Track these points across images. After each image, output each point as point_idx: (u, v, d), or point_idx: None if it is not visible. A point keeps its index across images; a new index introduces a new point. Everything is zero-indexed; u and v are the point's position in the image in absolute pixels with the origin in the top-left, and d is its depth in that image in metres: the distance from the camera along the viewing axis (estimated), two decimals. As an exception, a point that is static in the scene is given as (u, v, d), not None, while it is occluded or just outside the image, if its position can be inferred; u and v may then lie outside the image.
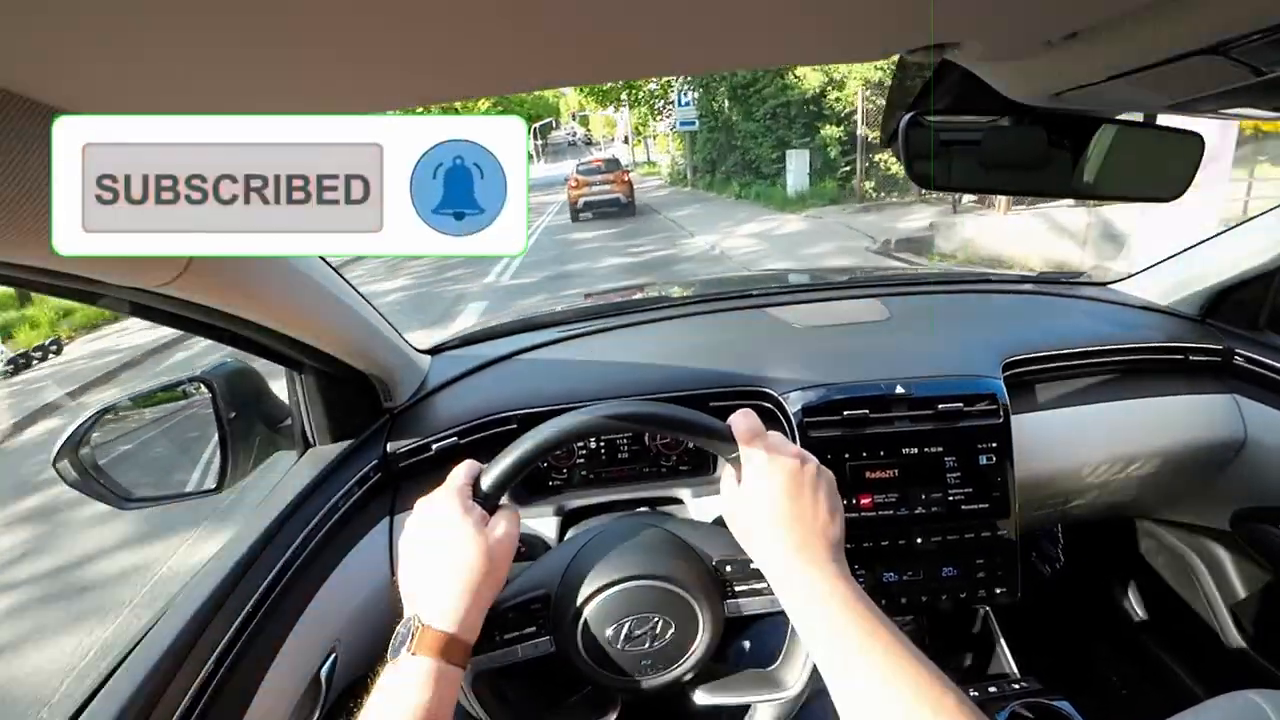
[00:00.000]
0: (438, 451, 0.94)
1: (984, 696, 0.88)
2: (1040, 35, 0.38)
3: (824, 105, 15.14)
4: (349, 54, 0.33)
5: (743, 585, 0.65)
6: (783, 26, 0.34)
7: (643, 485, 1.00)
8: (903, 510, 0.90)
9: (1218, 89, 0.47)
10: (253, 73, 0.34)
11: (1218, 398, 1.08)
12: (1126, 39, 0.39)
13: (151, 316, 0.61)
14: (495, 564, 0.57)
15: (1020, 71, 0.46)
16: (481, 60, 0.36)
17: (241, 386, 0.86)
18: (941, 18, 0.34)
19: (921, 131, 0.60)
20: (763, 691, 0.67)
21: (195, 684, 0.61)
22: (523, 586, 0.64)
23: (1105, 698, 1.39)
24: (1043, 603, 1.45)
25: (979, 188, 0.68)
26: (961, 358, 0.99)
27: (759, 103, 16.76)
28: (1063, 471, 1.01)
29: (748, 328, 1.18)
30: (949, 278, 1.48)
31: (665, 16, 0.30)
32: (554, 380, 1.04)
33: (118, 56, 0.30)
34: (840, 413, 0.90)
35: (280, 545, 0.75)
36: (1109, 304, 1.24)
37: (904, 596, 0.91)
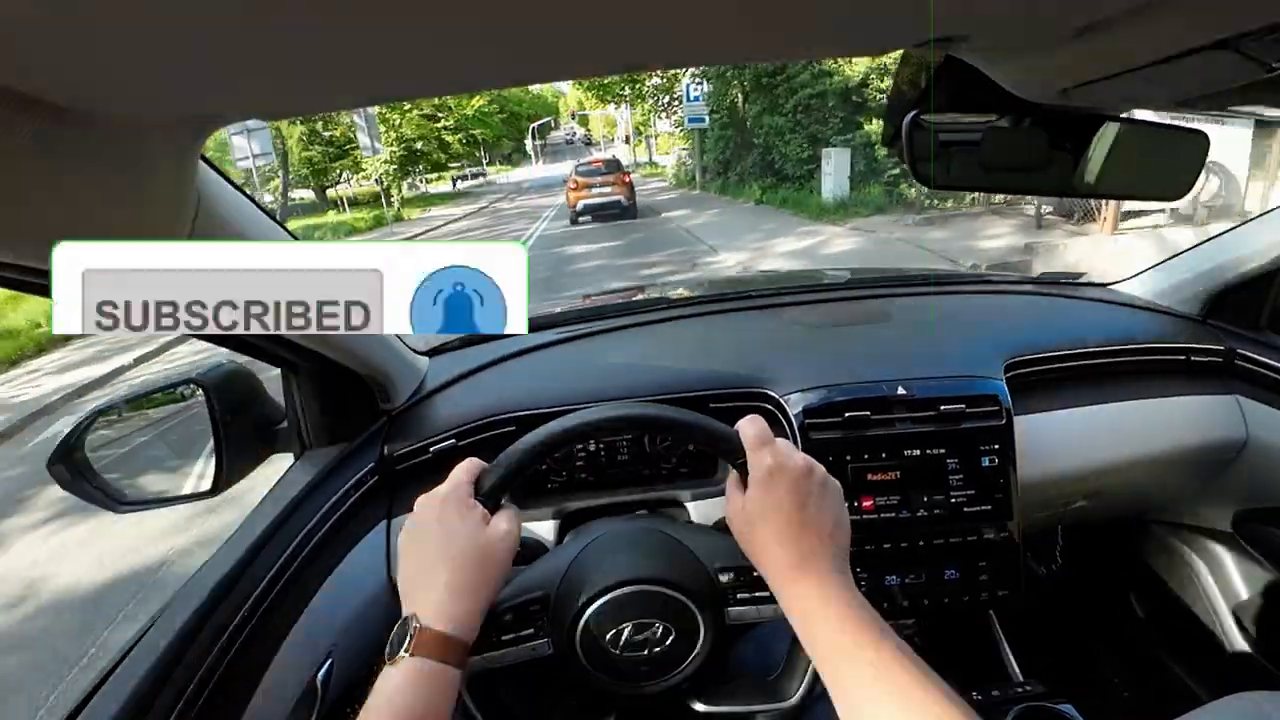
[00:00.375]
0: (435, 454, 0.93)
1: (987, 700, 0.87)
2: (1050, 29, 0.37)
3: (867, 96, 12.95)
4: (340, 48, 0.32)
5: (744, 593, 0.64)
6: (783, 19, 0.33)
7: (642, 488, 0.99)
8: (904, 512, 0.89)
9: (1225, 85, 0.47)
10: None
11: (1219, 398, 1.07)
12: (1137, 33, 0.38)
13: None
14: (495, 564, 0.56)
15: (1028, 67, 0.45)
16: (478, 56, 0.35)
17: (237, 388, 0.85)
18: (951, 10, 0.34)
19: (923, 132, 0.60)
20: (763, 700, 0.66)
21: (190, 688, 0.60)
22: (523, 587, 0.63)
23: (1107, 700, 1.38)
24: (1045, 605, 1.45)
25: (983, 186, 0.68)
26: (963, 359, 0.98)
27: (787, 94, 14.29)
28: (1065, 473, 1.01)
29: (749, 329, 1.18)
30: (950, 278, 1.47)
31: (663, 9, 0.29)
32: (553, 382, 1.03)
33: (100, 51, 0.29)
34: (842, 414, 0.90)
35: (276, 549, 0.75)
36: (1110, 304, 1.23)
37: (906, 599, 0.90)
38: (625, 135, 46.45)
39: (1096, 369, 1.07)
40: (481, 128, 32.29)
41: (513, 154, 67.07)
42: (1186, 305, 1.18)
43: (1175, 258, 1.23)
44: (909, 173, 0.65)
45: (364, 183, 30.25)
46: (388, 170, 25.96)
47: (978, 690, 0.88)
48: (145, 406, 0.90)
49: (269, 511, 0.78)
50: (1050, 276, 1.37)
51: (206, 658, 0.62)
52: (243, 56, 0.31)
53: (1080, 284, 1.33)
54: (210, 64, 0.32)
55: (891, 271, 1.69)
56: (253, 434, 0.88)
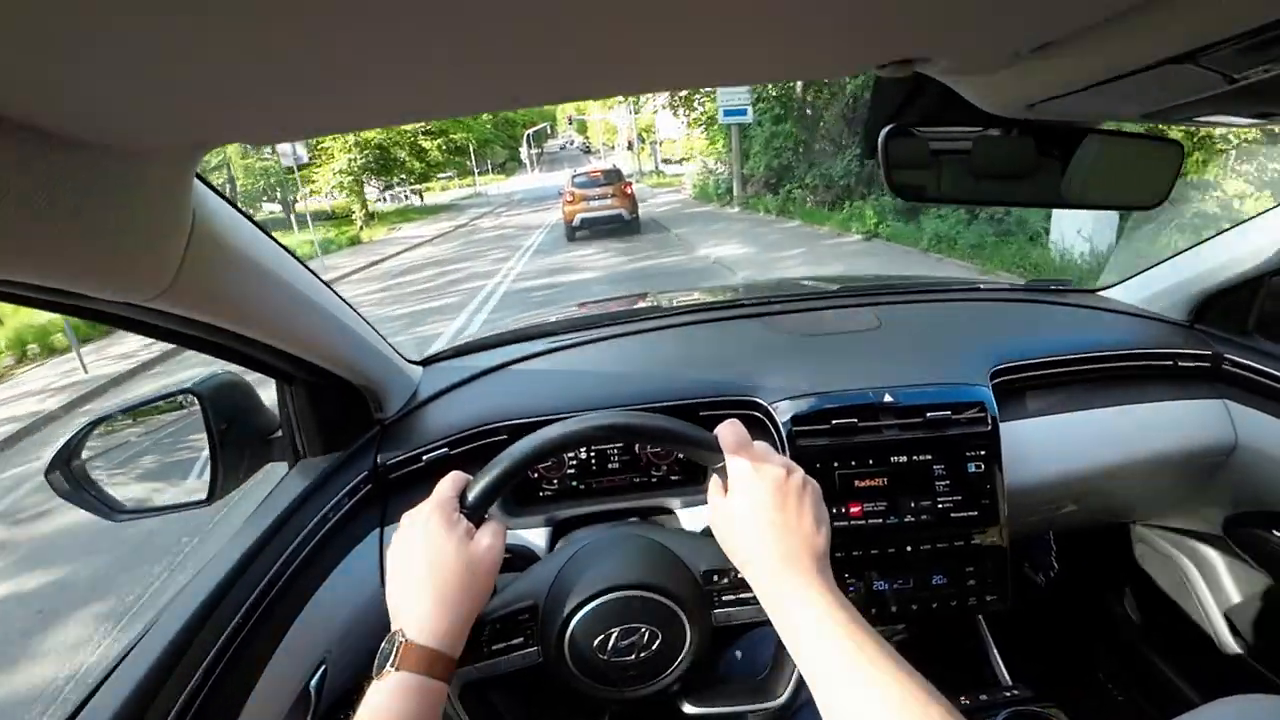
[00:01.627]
0: (428, 462, 0.94)
1: (975, 705, 0.88)
2: (1008, 48, 0.39)
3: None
4: (343, 70, 0.33)
5: (730, 595, 0.65)
6: (750, 43, 0.34)
7: (633, 496, 1.00)
8: (892, 519, 0.90)
9: (1190, 97, 0.48)
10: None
11: (1208, 403, 1.08)
12: (1096, 50, 0.39)
13: (141, 330, 0.61)
14: (479, 577, 0.57)
15: (992, 84, 0.46)
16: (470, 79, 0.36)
17: (231, 398, 0.86)
18: (909, 33, 0.35)
19: (901, 142, 0.61)
20: (752, 700, 0.67)
21: (183, 697, 0.61)
22: (511, 597, 0.64)
23: (1099, 704, 1.39)
24: (1036, 610, 1.45)
25: (962, 199, 0.69)
26: (950, 366, 0.99)
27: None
28: (1053, 478, 1.02)
29: (738, 337, 1.19)
30: (938, 286, 1.48)
31: (625, 34, 0.30)
32: (545, 390, 1.04)
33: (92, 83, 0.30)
34: (829, 421, 0.91)
35: (270, 557, 0.75)
36: (1097, 310, 1.24)
37: (894, 605, 0.91)
38: (628, 141, 42.61)
39: (1084, 375, 1.08)
40: (463, 131, 28.23)
41: (507, 162, 64.13)
42: (1173, 311, 1.19)
43: (1162, 264, 1.24)
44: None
45: (332, 196, 26.43)
46: (341, 182, 23.20)
47: (966, 695, 0.89)
48: (141, 416, 0.91)
49: (263, 520, 0.79)
50: (1037, 284, 1.38)
51: (200, 665, 0.63)
52: (236, 85, 0.32)
53: (1066, 290, 1.34)
54: (204, 94, 0.33)
55: (880, 279, 1.70)
56: (247, 443, 0.89)
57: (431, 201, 38.31)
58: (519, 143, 55.19)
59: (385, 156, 24.22)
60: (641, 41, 0.32)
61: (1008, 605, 0.92)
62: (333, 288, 0.82)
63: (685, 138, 27.50)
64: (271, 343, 0.73)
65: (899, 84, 0.55)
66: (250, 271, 0.63)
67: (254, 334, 0.69)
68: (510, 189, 42.71)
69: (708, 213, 15.60)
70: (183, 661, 0.62)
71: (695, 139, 22.45)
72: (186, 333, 0.64)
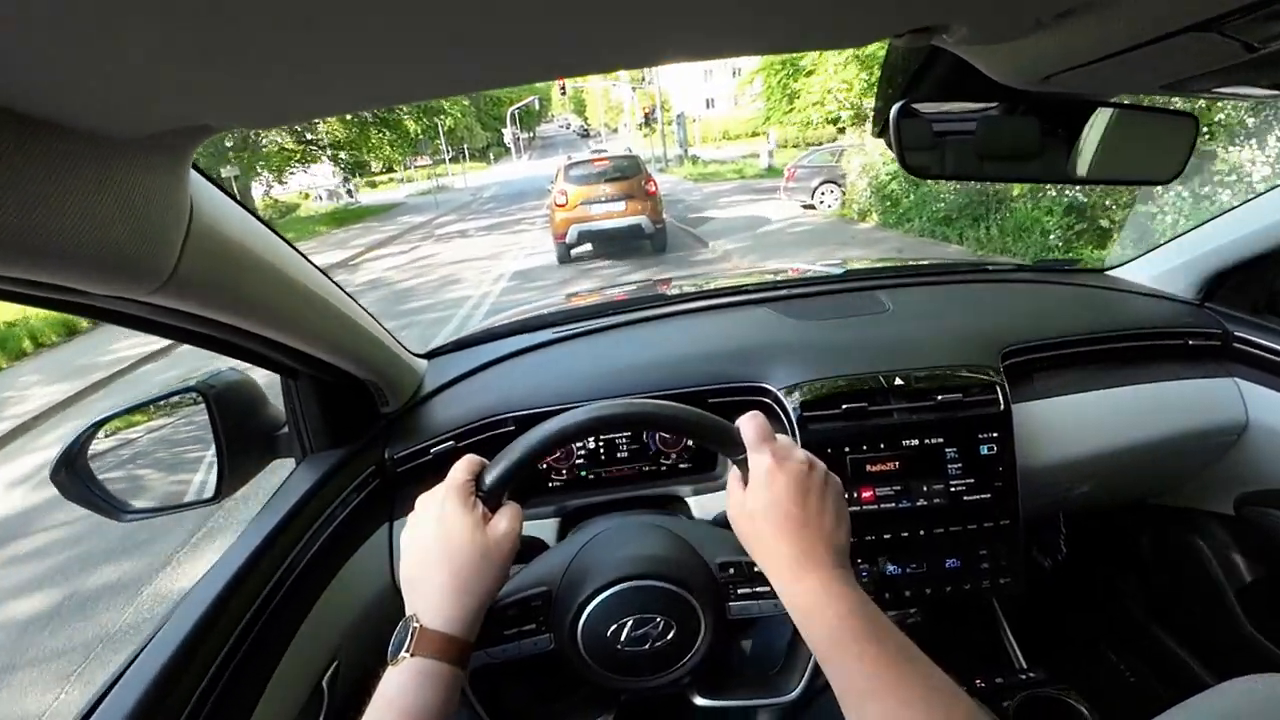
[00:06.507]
0: (436, 456, 0.93)
1: (991, 688, 0.87)
2: (1031, 14, 0.37)
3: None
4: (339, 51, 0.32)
5: (745, 588, 0.64)
6: (760, 12, 0.33)
7: (643, 484, 0.99)
8: (904, 503, 0.89)
9: (1210, 67, 0.47)
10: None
11: (1218, 381, 1.07)
12: (1117, 17, 0.38)
13: (141, 326, 0.60)
14: (495, 562, 0.56)
15: (1010, 54, 0.45)
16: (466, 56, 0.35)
17: (237, 395, 0.85)
18: (928, 0, 0.34)
19: (913, 122, 0.60)
20: (764, 694, 0.67)
21: (196, 695, 0.60)
22: (524, 583, 0.64)
23: (1112, 685, 1.38)
24: (1047, 592, 1.45)
25: (975, 176, 0.68)
26: (960, 348, 0.98)
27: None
28: (1064, 459, 1.01)
29: (746, 324, 1.18)
30: (947, 268, 1.47)
31: (635, 4, 0.29)
32: (551, 381, 1.04)
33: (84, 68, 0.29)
34: (839, 406, 0.90)
35: (279, 553, 0.75)
36: (1107, 290, 1.23)
37: (907, 589, 0.91)
38: (645, 114, 30.03)
39: (1095, 355, 1.07)
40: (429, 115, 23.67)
41: (490, 148, 51.88)
42: (1183, 289, 1.18)
43: (1171, 242, 1.23)
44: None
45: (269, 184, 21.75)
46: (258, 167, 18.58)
47: (981, 678, 0.88)
48: (147, 415, 0.91)
49: (271, 517, 0.78)
50: (1046, 264, 1.37)
51: (213, 662, 0.63)
52: (231, 70, 0.31)
53: (1075, 270, 1.33)
54: (198, 78, 0.32)
55: (887, 262, 1.69)
56: (254, 440, 0.88)
57: (382, 199, 30.28)
58: (503, 123, 43.63)
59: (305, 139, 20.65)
60: (649, 8, 0.31)
61: (1022, 588, 0.91)
62: (334, 279, 0.81)
63: (734, 106, 18.17)
64: (274, 336, 0.72)
65: (911, 57, 0.54)
66: (250, 263, 0.62)
67: (256, 328, 0.68)
68: (484, 181, 33.72)
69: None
70: (194, 661, 0.62)
71: (750, 112, 13.96)
72: (188, 328, 0.63)
